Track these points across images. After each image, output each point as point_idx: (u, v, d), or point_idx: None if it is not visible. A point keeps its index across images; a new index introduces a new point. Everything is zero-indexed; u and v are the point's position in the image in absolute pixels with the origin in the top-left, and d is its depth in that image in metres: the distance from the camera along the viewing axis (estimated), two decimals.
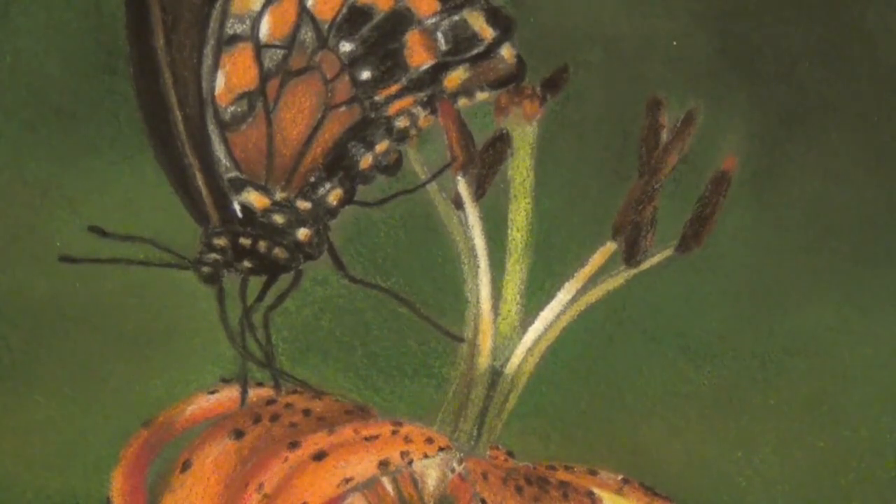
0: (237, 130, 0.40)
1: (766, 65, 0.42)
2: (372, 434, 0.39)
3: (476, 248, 0.41)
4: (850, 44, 0.42)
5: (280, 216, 0.40)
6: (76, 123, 0.40)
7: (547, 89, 0.42)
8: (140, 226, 0.40)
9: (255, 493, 0.37)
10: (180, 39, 0.40)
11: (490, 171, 0.41)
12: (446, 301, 0.40)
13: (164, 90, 0.40)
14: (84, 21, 0.41)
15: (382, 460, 0.38)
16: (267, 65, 0.41)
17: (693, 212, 0.41)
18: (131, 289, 0.40)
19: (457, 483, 0.39)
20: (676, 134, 0.41)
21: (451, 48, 0.42)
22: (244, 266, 0.40)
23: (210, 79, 0.40)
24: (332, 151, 0.41)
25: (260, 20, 0.41)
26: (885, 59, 0.41)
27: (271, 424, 0.39)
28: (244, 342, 0.40)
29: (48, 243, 0.40)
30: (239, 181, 0.40)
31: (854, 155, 0.41)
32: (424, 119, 0.41)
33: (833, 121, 0.41)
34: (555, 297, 0.40)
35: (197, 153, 0.40)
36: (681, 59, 0.41)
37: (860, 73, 0.41)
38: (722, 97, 0.41)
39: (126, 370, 0.39)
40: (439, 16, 0.42)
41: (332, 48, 0.41)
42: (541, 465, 0.39)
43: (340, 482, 0.38)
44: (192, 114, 0.40)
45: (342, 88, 0.41)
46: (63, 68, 0.41)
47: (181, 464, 0.38)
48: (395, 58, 0.41)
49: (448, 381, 0.40)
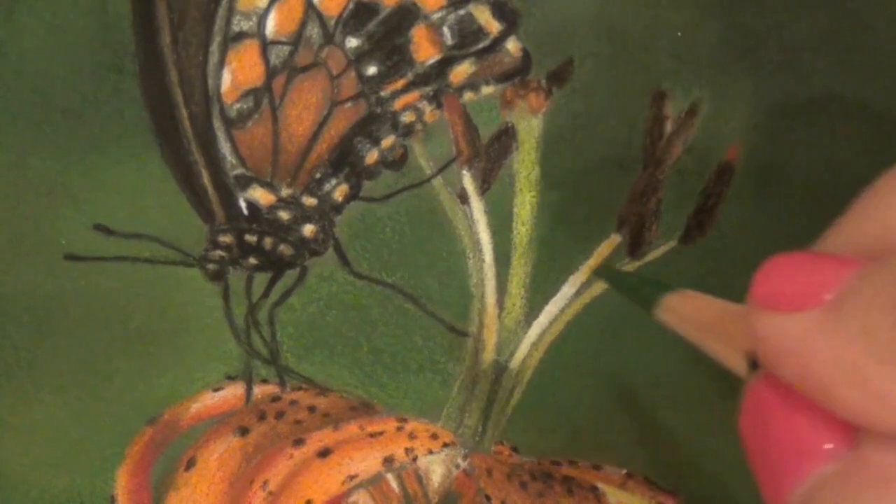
0: (243, 127, 0.40)
1: (771, 55, 0.41)
2: (377, 430, 0.39)
3: (481, 242, 0.41)
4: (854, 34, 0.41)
5: (286, 212, 0.40)
6: (81, 122, 0.40)
7: (553, 82, 0.42)
8: (145, 223, 0.40)
9: (260, 491, 0.37)
10: (186, 37, 0.40)
11: (495, 164, 0.41)
12: (451, 296, 0.40)
13: (170, 88, 0.40)
14: (89, 20, 0.41)
15: (387, 457, 0.38)
16: (273, 61, 0.41)
17: (697, 203, 0.40)
18: (136, 287, 0.40)
19: (462, 479, 0.39)
20: (680, 125, 0.41)
21: (457, 42, 0.42)
22: (250, 263, 0.40)
23: (216, 76, 0.40)
24: (337, 147, 0.41)
25: (266, 17, 0.41)
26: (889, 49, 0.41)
27: (276, 421, 0.39)
28: (249, 339, 0.40)
29: (53, 241, 0.40)
30: (244, 178, 0.40)
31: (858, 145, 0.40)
32: (430, 114, 0.41)
33: (837, 111, 0.41)
34: (559, 290, 0.40)
35: (203, 150, 0.40)
36: (685, 50, 0.41)
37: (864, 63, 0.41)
38: (726, 88, 0.41)
39: (131, 368, 0.39)
40: (445, 10, 0.42)
41: (338, 44, 0.41)
42: (545, 461, 0.39)
43: (345, 479, 0.38)
44: (197, 111, 0.40)
45: (348, 84, 0.41)
46: (68, 67, 0.41)
47: (186, 461, 0.38)
48: (400, 53, 0.41)
49: (453, 376, 0.40)
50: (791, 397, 0.29)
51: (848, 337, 0.27)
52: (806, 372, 0.28)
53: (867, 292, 0.27)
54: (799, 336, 0.28)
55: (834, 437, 0.28)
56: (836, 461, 0.28)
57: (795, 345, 0.28)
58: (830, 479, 0.28)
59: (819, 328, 0.28)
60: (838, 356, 0.27)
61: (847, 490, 0.28)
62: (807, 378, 0.28)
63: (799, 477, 0.29)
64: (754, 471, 0.30)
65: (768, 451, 0.30)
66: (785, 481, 0.29)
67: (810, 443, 0.29)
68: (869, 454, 0.28)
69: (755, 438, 0.30)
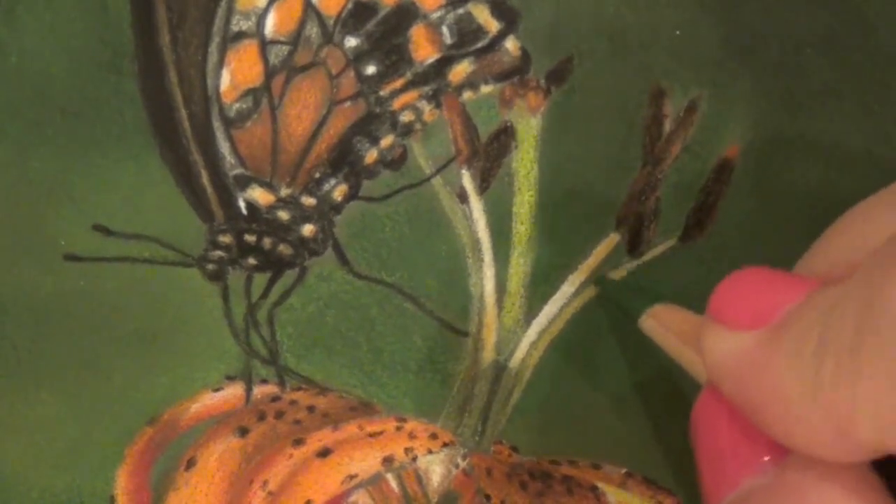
0: (242, 127, 0.40)
1: (770, 53, 0.41)
2: (376, 430, 0.39)
3: (480, 241, 0.41)
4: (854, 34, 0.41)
5: (285, 212, 0.40)
6: (81, 122, 0.40)
7: (552, 81, 0.42)
8: (145, 224, 0.40)
9: (260, 491, 0.37)
10: (185, 37, 0.40)
11: (494, 163, 0.41)
12: (450, 295, 0.40)
13: (170, 88, 0.40)
14: (89, 20, 0.41)
15: (387, 457, 0.38)
16: (272, 61, 0.41)
17: (696, 202, 0.40)
18: (136, 287, 0.40)
19: (461, 479, 0.38)
20: (679, 123, 0.41)
21: (456, 41, 0.42)
22: (249, 263, 0.40)
23: (215, 76, 0.40)
24: (336, 147, 0.41)
25: (265, 16, 0.41)
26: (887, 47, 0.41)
27: (276, 421, 0.39)
28: (249, 339, 0.40)
29: (53, 242, 0.40)
30: (244, 178, 0.40)
31: (857, 143, 0.40)
32: (429, 113, 0.41)
33: (836, 109, 0.41)
34: (559, 290, 0.40)
35: (202, 150, 0.40)
36: (685, 48, 0.41)
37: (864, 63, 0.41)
38: (726, 87, 0.41)
39: (131, 368, 0.39)
40: (444, 9, 0.42)
41: (337, 43, 0.41)
42: (544, 460, 0.39)
43: (345, 479, 0.38)
44: (197, 111, 0.40)
45: (347, 84, 0.41)
46: (68, 67, 0.41)
47: (185, 461, 0.38)
48: (400, 52, 0.41)
49: (452, 376, 0.40)
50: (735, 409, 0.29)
51: (778, 362, 0.27)
52: (740, 390, 0.28)
53: (800, 320, 0.27)
54: (737, 354, 0.28)
55: (771, 451, 0.29)
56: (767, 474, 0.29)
57: (733, 362, 0.29)
58: (757, 491, 0.29)
59: (757, 349, 0.28)
60: (768, 379, 0.27)
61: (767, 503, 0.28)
62: (740, 396, 0.29)
63: (735, 484, 0.29)
64: (699, 473, 0.31)
65: (711, 457, 0.30)
66: (722, 487, 0.30)
67: (748, 453, 0.29)
68: (789, 473, 0.28)
69: (701, 443, 0.31)
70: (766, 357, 0.28)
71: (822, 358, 0.26)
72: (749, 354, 0.28)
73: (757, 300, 0.29)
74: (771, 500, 0.28)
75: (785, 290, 0.28)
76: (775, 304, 0.28)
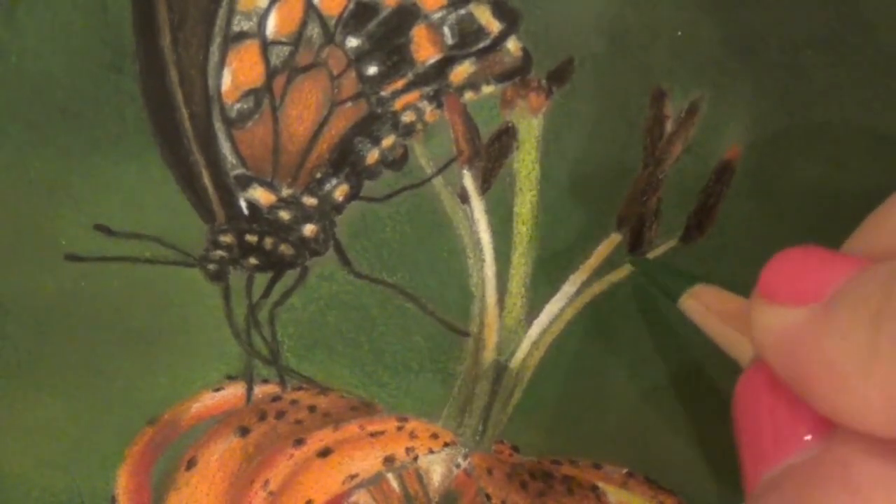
0: (243, 127, 0.40)
1: (771, 55, 0.41)
2: (377, 430, 0.39)
3: (481, 241, 0.41)
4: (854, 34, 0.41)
5: (286, 212, 0.40)
6: (82, 122, 0.40)
7: (553, 82, 0.42)
8: (146, 224, 0.40)
9: (261, 491, 0.37)
10: (186, 37, 0.40)
11: (496, 164, 0.41)
12: (452, 296, 0.40)
13: (171, 88, 0.40)
14: (89, 20, 0.41)
15: (387, 456, 0.38)
16: (273, 61, 0.41)
17: (697, 202, 0.40)
18: (137, 287, 0.40)
19: (462, 478, 0.39)
20: (680, 124, 0.41)
21: (458, 42, 0.42)
22: (250, 263, 0.40)
23: (216, 76, 0.40)
24: (338, 147, 0.41)
25: (267, 17, 0.41)
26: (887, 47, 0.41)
27: (277, 421, 0.39)
28: (250, 339, 0.40)
29: (54, 242, 0.40)
30: (245, 178, 0.40)
31: (857, 143, 0.40)
32: (430, 113, 0.41)
33: (836, 109, 0.41)
34: (560, 290, 0.40)
35: (203, 150, 0.40)
36: (685, 49, 0.41)
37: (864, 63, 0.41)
38: (726, 88, 0.41)
39: (132, 368, 0.39)
40: (446, 10, 0.42)
41: (338, 44, 0.41)
42: (545, 460, 0.39)
43: (346, 479, 0.38)
44: (198, 111, 0.40)
45: (348, 84, 0.41)
46: (68, 67, 0.41)
47: (186, 461, 0.38)
48: (401, 53, 0.41)
49: (454, 376, 0.40)
50: (780, 387, 0.29)
51: (831, 336, 0.27)
52: (790, 365, 0.29)
53: (855, 293, 0.28)
54: (789, 330, 0.29)
55: (814, 429, 0.29)
56: (809, 452, 0.29)
57: (785, 338, 0.29)
58: (797, 469, 0.29)
59: (809, 325, 0.28)
60: (821, 353, 0.28)
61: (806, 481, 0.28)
62: (790, 371, 0.29)
63: (775, 462, 0.29)
64: (739, 451, 0.31)
65: (752, 435, 0.30)
66: (762, 465, 0.30)
67: (790, 432, 0.29)
68: (834, 447, 0.28)
69: (742, 422, 0.31)
70: (820, 330, 0.28)
71: (880, 327, 0.26)
72: (802, 329, 0.28)
73: (808, 277, 0.29)
74: (815, 475, 0.28)
75: (836, 267, 0.29)
76: (827, 280, 0.28)
